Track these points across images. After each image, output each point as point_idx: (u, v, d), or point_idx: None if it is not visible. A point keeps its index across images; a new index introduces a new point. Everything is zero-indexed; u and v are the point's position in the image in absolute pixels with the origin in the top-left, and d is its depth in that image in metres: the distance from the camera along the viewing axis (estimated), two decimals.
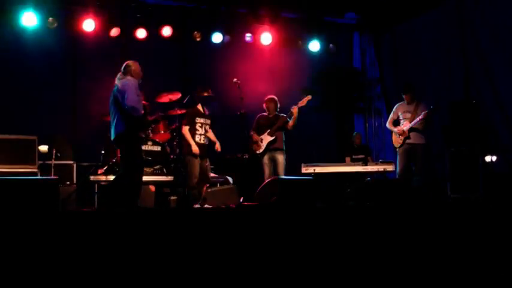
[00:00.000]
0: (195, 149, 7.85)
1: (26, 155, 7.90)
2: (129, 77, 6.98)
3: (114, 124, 6.92)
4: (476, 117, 8.44)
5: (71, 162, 9.16)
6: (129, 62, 7.15)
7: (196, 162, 7.88)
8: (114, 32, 10.44)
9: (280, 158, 8.71)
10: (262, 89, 9.77)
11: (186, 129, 7.99)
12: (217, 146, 8.11)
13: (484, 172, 7.95)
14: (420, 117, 8.69)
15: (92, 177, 8.44)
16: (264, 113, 8.98)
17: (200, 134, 8.02)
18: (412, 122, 8.74)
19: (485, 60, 9.74)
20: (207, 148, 8.03)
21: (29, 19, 9.76)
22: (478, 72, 9.86)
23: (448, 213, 6.52)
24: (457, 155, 8.17)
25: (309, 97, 8.76)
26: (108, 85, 9.09)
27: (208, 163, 8.06)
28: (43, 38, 9.95)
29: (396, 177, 8.85)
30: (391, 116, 9.21)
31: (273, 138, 8.67)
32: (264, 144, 8.68)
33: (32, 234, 4.94)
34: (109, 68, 9.68)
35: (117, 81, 6.98)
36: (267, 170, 8.70)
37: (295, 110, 8.68)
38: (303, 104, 8.73)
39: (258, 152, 8.67)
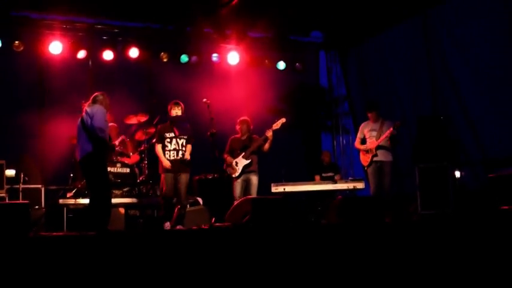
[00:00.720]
0: (166, 163, 7.89)
1: None
2: (98, 105, 7.18)
3: (80, 145, 7.06)
4: (445, 132, 8.54)
5: (39, 186, 9.05)
6: (99, 93, 7.34)
7: (168, 177, 7.91)
8: (81, 54, 10.39)
9: (254, 179, 8.71)
10: (232, 108, 9.83)
11: (157, 148, 8.05)
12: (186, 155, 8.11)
13: (454, 187, 8.04)
14: (386, 134, 8.79)
15: (60, 201, 8.36)
16: (237, 135, 8.97)
17: (169, 150, 8.01)
18: (379, 140, 8.85)
19: (451, 75, 9.88)
20: (181, 163, 7.99)
21: None
22: (445, 87, 9.99)
23: (419, 229, 6.61)
24: (426, 170, 8.26)
25: (283, 120, 8.70)
26: (76, 107, 9.09)
27: (185, 179, 8.01)
28: (9, 60, 9.86)
29: (370, 195, 8.93)
30: (358, 135, 9.31)
31: (248, 161, 8.67)
32: (239, 168, 8.65)
33: (3, 259, 4.88)
34: (76, 90, 9.73)
35: (87, 108, 7.16)
36: (238, 190, 8.64)
37: (269, 133, 8.64)
38: (277, 127, 8.67)
39: (234, 175, 8.65)
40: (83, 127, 7.05)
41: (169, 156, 7.99)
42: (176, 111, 8.10)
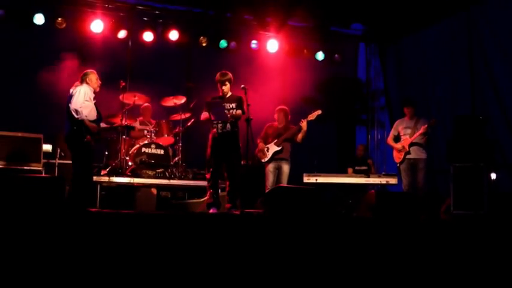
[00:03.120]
0: None
1: (31, 153, 7.90)
2: (83, 85, 7.43)
3: (65, 124, 7.37)
4: (482, 132, 8.42)
5: None
6: (87, 71, 7.60)
7: None
8: (122, 34, 10.48)
9: (286, 167, 8.76)
10: (268, 96, 9.81)
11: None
12: None
13: (489, 189, 7.91)
14: (420, 131, 8.74)
15: (94, 178, 8.46)
16: (274, 122, 9.03)
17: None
18: (412, 137, 8.79)
19: (492, 75, 9.73)
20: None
21: (38, 19, 9.85)
22: (485, 87, 9.85)
23: (451, 229, 6.55)
24: (462, 170, 8.15)
25: (319, 112, 8.71)
26: (115, 87, 9.19)
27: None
28: (51, 37, 9.98)
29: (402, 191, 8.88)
30: (391, 132, 9.27)
31: (279, 148, 8.71)
32: (269, 154, 8.71)
33: (36, 232, 4.96)
34: (115, 69, 9.83)
35: (72, 87, 7.43)
36: (270, 178, 8.73)
37: (304, 124, 8.69)
38: (312, 118, 8.71)
39: (263, 160, 8.72)
40: (66, 107, 7.34)
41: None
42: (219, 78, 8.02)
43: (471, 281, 5.61)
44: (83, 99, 7.31)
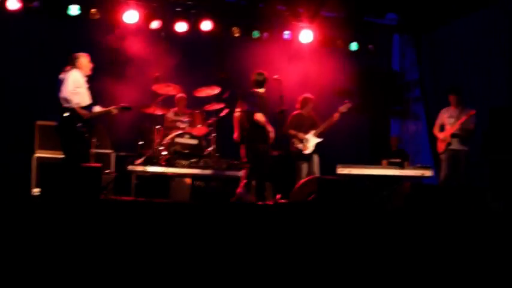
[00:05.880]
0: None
1: None
2: (73, 70, 7.38)
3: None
4: None
5: (110, 151, 9.29)
6: (77, 54, 7.54)
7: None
8: (155, 24, 10.56)
9: (316, 158, 8.87)
10: (301, 87, 9.83)
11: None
12: None
13: None
14: (460, 121, 8.67)
15: (129, 167, 8.60)
16: (299, 111, 9.07)
17: None
18: (453, 128, 8.73)
19: None
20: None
21: (73, 10, 9.99)
22: None
23: (488, 222, 6.50)
24: (498, 162, 8.07)
25: (350, 104, 8.85)
26: (147, 77, 9.31)
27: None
28: (85, 27, 10.13)
29: (438, 183, 8.82)
30: (436, 121, 9.19)
31: (320, 140, 8.82)
32: (311, 145, 8.79)
33: (74, 219, 5.07)
34: (148, 60, 9.93)
35: (62, 74, 7.36)
36: (303, 169, 8.79)
37: (337, 116, 8.81)
38: (344, 111, 8.82)
39: (304, 151, 8.77)
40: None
41: None
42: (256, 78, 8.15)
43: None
44: (72, 87, 7.27)
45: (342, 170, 8.96)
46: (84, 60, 7.53)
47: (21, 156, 9.03)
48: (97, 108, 7.66)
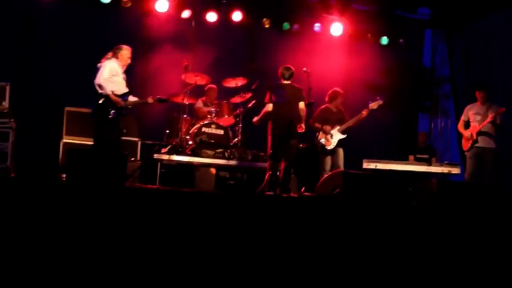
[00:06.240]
0: None
1: None
2: (112, 59, 7.59)
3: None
4: None
5: (136, 139, 9.34)
6: (121, 46, 7.72)
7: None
8: (185, 14, 10.56)
9: (341, 151, 8.83)
10: (330, 80, 9.77)
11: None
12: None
13: None
14: (488, 119, 8.52)
15: (155, 156, 8.63)
16: (328, 105, 9.01)
17: None
18: (480, 125, 8.58)
19: None
20: None
21: None
22: None
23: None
24: None
25: (381, 102, 8.78)
26: (176, 66, 9.31)
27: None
28: (117, 16, 10.20)
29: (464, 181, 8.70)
30: (462, 117, 9.04)
31: (344, 136, 8.78)
32: (335, 141, 8.75)
33: (98, 205, 5.09)
34: (179, 50, 9.94)
35: (101, 62, 7.56)
36: (328, 162, 8.76)
37: (366, 112, 8.74)
38: (374, 108, 8.75)
39: (327, 147, 8.73)
40: None
41: None
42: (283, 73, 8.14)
43: None
44: (108, 74, 7.45)
45: (368, 165, 8.87)
46: (125, 52, 7.71)
47: (50, 141, 9.14)
48: (132, 98, 7.79)
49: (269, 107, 8.00)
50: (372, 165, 8.86)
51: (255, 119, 8.32)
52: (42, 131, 9.43)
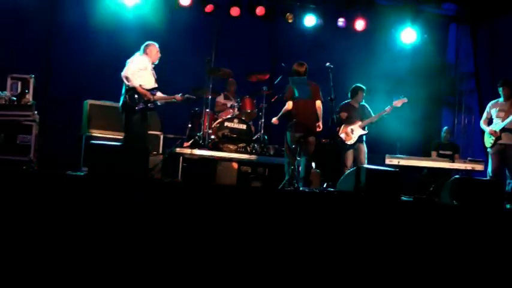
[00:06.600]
0: None
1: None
2: (141, 55, 7.72)
3: None
4: None
5: (159, 133, 9.38)
6: (149, 42, 7.81)
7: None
8: (209, 8, 10.55)
9: (364, 147, 8.81)
10: (353, 75, 9.69)
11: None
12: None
13: None
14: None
15: (177, 150, 8.62)
16: (349, 101, 9.00)
17: None
18: (504, 122, 8.44)
19: None
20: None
21: None
22: None
23: None
24: None
25: (405, 100, 8.79)
26: (196, 60, 9.29)
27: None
28: (141, 11, 10.20)
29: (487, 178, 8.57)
30: (484, 114, 8.91)
31: (365, 132, 8.76)
32: (355, 136, 8.73)
33: (120, 199, 5.09)
34: (202, 44, 9.94)
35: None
36: (350, 158, 8.73)
37: (389, 110, 8.76)
38: (398, 105, 8.76)
39: (348, 142, 8.71)
40: None
41: None
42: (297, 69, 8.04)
43: None
44: (136, 67, 7.56)
45: (391, 161, 8.83)
46: (153, 48, 7.82)
47: (72, 134, 9.19)
48: (160, 94, 7.89)
49: (289, 104, 7.92)
50: (395, 161, 8.82)
51: (274, 119, 8.25)
52: (64, 123, 9.50)
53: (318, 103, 7.90)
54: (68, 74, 9.82)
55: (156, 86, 7.84)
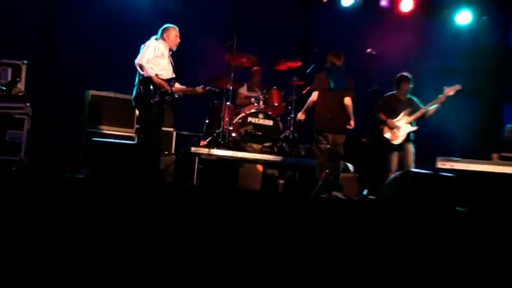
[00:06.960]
0: None
1: (125, 117, 8.15)
2: (158, 40, 7.69)
3: None
4: None
5: (171, 129, 9.43)
6: (168, 26, 7.83)
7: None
8: None
9: (411, 147, 8.65)
10: (398, 63, 9.61)
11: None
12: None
13: None
14: None
15: (193, 149, 8.57)
16: (394, 92, 8.87)
17: None
18: None
19: None
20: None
21: None
22: None
23: None
24: None
25: (459, 86, 8.58)
26: (220, 46, 9.27)
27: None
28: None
29: None
30: None
31: (414, 128, 8.62)
32: (403, 134, 8.58)
33: (125, 204, 5.06)
34: (222, 27, 9.98)
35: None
36: (395, 160, 8.61)
37: (442, 99, 8.56)
38: (451, 94, 8.56)
39: (394, 141, 8.56)
40: None
41: None
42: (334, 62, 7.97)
43: None
44: (152, 54, 7.52)
45: (443, 164, 8.68)
46: (173, 32, 7.80)
47: (70, 130, 9.21)
48: (178, 86, 7.91)
49: (314, 95, 7.87)
50: (448, 165, 8.66)
51: (300, 114, 8.28)
52: (62, 117, 9.57)
53: (348, 99, 7.87)
54: (67, 60, 9.91)
55: (174, 76, 7.80)
